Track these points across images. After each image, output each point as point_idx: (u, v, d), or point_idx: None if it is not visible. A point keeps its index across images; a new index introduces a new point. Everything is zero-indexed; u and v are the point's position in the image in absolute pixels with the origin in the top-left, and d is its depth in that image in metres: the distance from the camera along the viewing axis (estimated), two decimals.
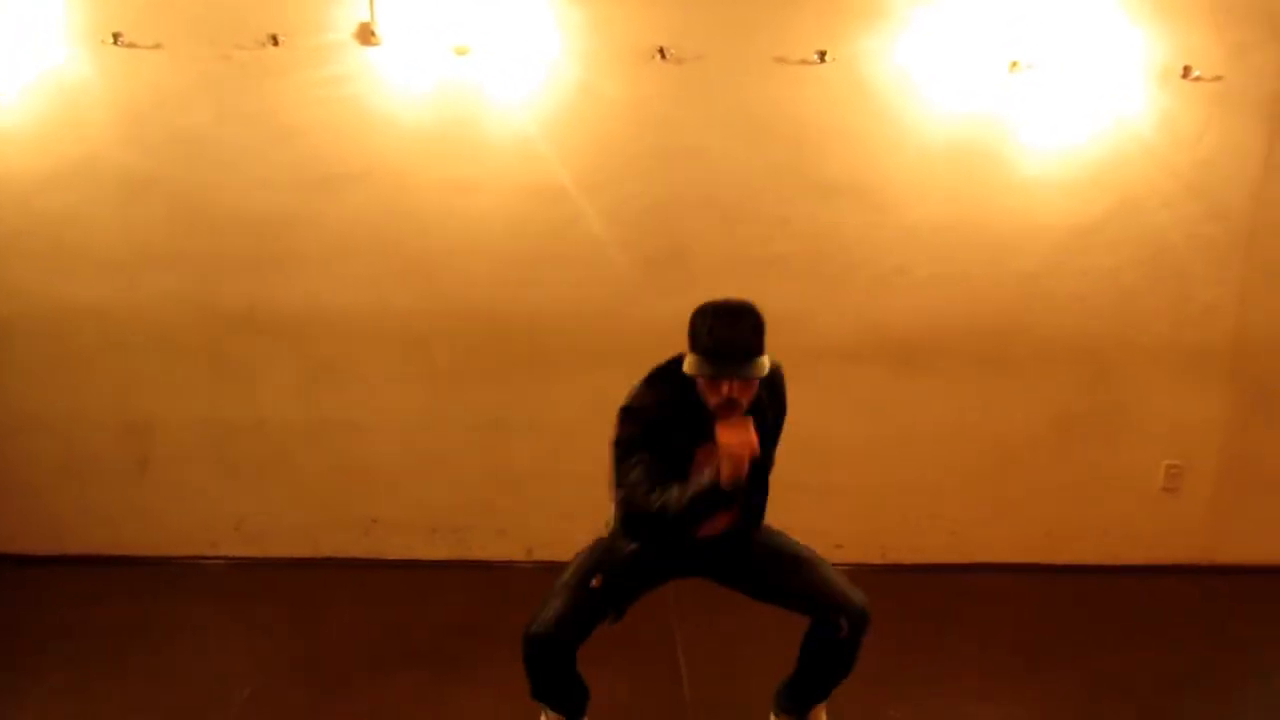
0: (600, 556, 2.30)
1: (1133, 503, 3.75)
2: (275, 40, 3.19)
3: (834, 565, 2.38)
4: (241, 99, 3.27)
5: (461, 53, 3.22)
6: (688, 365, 2.05)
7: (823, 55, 3.27)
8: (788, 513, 3.72)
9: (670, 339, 3.48)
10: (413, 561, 3.66)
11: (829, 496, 3.69)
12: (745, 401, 2.05)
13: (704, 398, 2.08)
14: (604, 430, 2.39)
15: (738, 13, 3.26)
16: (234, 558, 3.65)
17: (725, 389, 2.02)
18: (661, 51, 3.25)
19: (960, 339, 3.58)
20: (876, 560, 3.74)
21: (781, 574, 2.35)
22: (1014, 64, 3.30)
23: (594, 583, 2.23)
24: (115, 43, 3.17)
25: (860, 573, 3.66)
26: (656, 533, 2.19)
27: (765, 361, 2.05)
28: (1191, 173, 3.45)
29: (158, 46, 3.21)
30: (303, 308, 3.47)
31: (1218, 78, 3.35)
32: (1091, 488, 3.73)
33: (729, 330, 2.02)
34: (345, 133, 3.31)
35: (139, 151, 3.31)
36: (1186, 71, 3.33)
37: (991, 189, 3.45)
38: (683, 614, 3.29)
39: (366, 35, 3.20)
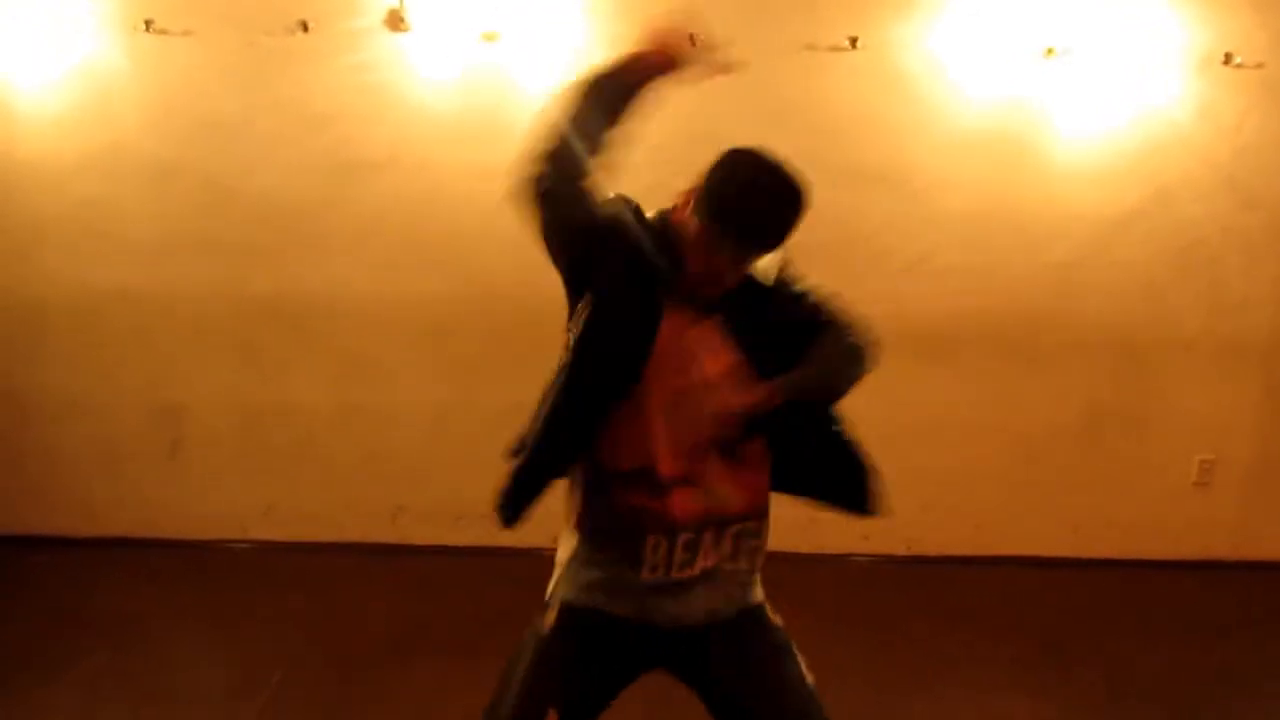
0: (538, 670, 1.67)
1: (1163, 497, 3.70)
2: (305, 26, 3.20)
3: (863, 556, 2.33)
4: (271, 85, 3.29)
5: (490, 39, 3.21)
6: (689, 216, 1.60)
7: (854, 42, 3.23)
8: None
9: None
10: (439, 548, 3.68)
11: None
12: (730, 282, 1.64)
13: (685, 258, 1.62)
14: None
15: None
16: (263, 541, 3.69)
17: (722, 264, 1.58)
18: (690, 38, 3.22)
19: (990, 329, 3.54)
20: (901, 552, 3.72)
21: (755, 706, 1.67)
22: (1049, 50, 3.25)
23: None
24: (147, 30, 3.19)
25: (884, 565, 3.72)
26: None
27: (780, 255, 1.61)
28: (1230, 163, 3.39)
29: (188, 33, 3.22)
30: (331, 294, 3.48)
31: (1259, 64, 3.28)
32: (1121, 481, 3.69)
33: (771, 209, 1.56)
34: (374, 119, 3.31)
35: (169, 138, 3.33)
36: (1228, 58, 3.27)
37: (1024, 178, 3.40)
38: None
39: (396, 21, 3.20)
